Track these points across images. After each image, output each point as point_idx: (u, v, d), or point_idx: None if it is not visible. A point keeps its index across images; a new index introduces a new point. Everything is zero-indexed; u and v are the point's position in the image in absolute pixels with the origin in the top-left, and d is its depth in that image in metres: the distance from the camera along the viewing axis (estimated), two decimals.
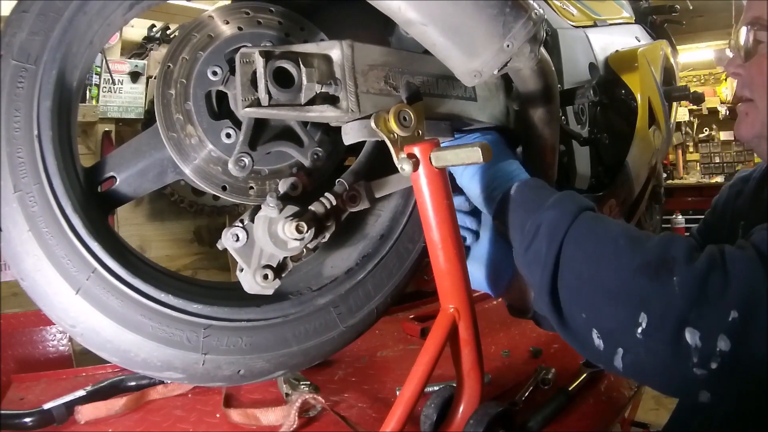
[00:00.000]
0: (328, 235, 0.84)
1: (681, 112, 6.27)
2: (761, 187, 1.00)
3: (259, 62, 0.74)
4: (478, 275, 0.98)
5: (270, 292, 0.81)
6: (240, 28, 0.91)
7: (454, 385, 0.93)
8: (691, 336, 0.62)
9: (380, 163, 0.96)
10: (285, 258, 0.81)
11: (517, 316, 1.03)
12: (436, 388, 1.01)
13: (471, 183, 0.92)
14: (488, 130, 0.98)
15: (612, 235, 0.73)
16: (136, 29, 3.02)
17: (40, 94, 0.78)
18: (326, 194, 0.85)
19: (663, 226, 2.67)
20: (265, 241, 0.79)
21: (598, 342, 0.71)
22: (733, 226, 1.00)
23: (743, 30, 0.89)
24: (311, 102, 0.77)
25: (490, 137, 0.96)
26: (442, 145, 0.82)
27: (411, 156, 0.79)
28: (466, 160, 0.76)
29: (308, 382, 1.12)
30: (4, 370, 1.35)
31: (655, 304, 0.65)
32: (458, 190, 0.97)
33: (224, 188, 0.89)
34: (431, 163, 0.80)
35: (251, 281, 0.80)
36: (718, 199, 1.13)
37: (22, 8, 0.78)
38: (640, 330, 0.65)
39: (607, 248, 0.71)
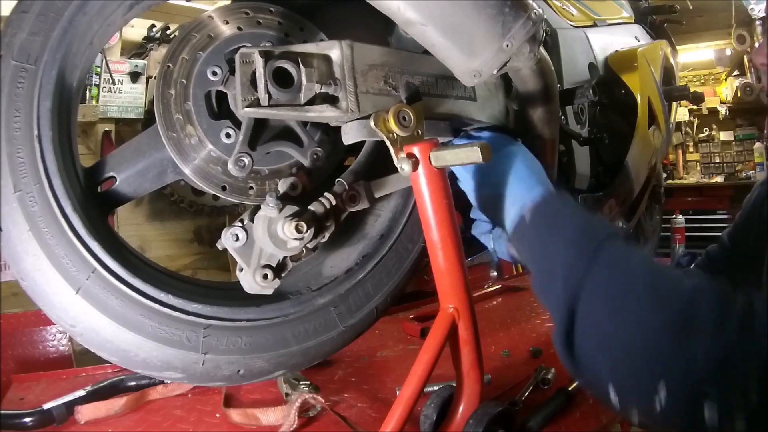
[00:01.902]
0: (327, 235, 0.84)
1: (681, 112, 6.24)
2: None
3: (259, 62, 0.74)
4: (503, 250, 0.99)
5: (270, 291, 0.82)
6: (240, 29, 0.91)
7: (454, 385, 0.93)
8: (709, 412, 0.58)
9: (380, 163, 0.96)
10: (285, 258, 0.81)
11: None
12: (435, 388, 1.01)
13: (472, 195, 0.90)
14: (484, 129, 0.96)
15: (633, 282, 0.68)
16: (136, 29, 3.01)
17: (40, 94, 0.78)
18: (326, 194, 0.85)
19: (663, 226, 2.66)
20: (265, 240, 0.79)
21: (615, 398, 0.67)
22: (763, 230, 0.95)
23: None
24: (311, 102, 0.77)
25: (486, 135, 0.94)
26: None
27: (410, 156, 0.79)
28: (465, 160, 0.76)
29: (308, 382, 1.12)
30: (4, 370, 1.34)
31: (675, 370, 0.61)
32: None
33: (224, 188, 0.89)
34: (430, 162, 0.80)
35: (251, 281, 0.80)
36: (748, 199, 1.07)
37: (22, 8, 0.79)
38: (657, 398, 0.62)
39: (628, 299, 0.67)
